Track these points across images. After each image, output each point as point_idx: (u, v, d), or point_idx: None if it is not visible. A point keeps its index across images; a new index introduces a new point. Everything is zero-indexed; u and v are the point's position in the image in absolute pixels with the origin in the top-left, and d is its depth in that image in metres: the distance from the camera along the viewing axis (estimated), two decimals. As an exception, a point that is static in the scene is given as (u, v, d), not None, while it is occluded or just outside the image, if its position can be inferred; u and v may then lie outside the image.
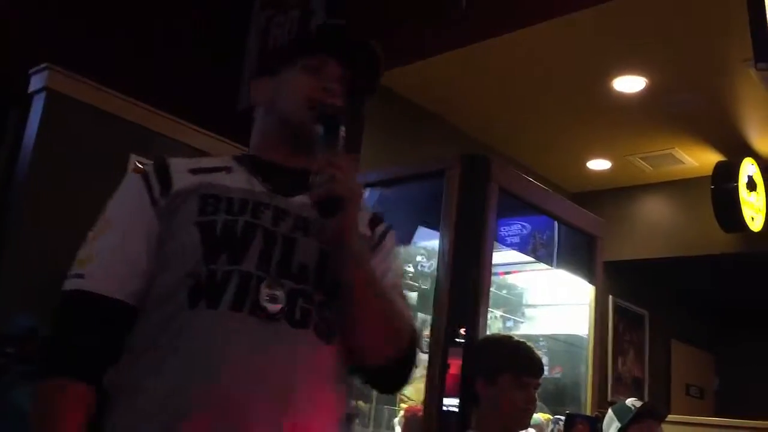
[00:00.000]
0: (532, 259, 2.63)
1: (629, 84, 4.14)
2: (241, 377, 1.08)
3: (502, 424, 2.00)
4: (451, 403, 2.13)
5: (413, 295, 3.06)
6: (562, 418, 2.50)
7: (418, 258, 2.97)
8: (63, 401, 1.12)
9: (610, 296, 5.56)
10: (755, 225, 4.76)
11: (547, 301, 3.05)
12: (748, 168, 4.76)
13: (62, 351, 1.16)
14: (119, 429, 1.12)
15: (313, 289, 1.18)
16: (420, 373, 2.94)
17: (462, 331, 2.18)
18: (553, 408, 2.65)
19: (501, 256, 2.55)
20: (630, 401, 2.59)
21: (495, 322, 2.89)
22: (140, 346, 1.15)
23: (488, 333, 2.28)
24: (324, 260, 1.20)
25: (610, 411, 2.61)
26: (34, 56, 3.60)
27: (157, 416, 1.08)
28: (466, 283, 2.23)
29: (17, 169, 3.52)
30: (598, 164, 5.34)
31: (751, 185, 4.78)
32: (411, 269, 3.02)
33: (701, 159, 4.99)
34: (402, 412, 2.40)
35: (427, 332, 2.88)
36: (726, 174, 4.70)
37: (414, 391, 2.97)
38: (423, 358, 2.93)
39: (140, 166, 1.30)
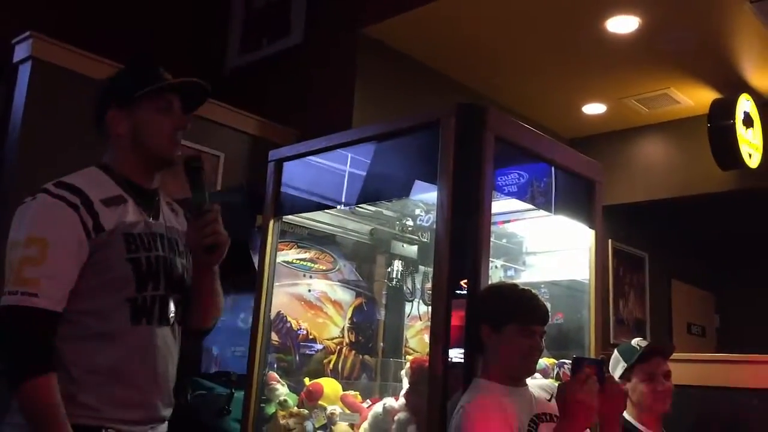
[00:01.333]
0: (531, 207, 2.62)
1: (622, 24, 4.08)
2: (162, 361, 1.74)
3: (509, 370, 2.01)
4: (456, 353, 2.14)
5: (413, 249, 3.06)
6: (567, 362, 2.52)
7: (417, 212, 2.96)
8: (51, 390, 1.53)
9: (609, 240, 5.58)
10: (752, 162, 4.76)
11: (547, 248, 3.05)
12: (744, 104, 4.72)
13: (36, 355, 1.55)
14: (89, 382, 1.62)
15: (182, 295, 1.80)
16: (423, 325, 2.97)
17: (464, 283, 2.17)
18: (556, 352, 2.67)
19: (499, 205, 2.54)
20: (635, 341, 2.61)
21: (496, 272, 2.90)
22: (76, 352, 1.61)
23: (490, 283, 2.28)
24: (184, 271, 1.81)
25: (615, 352, 2.63)
26: (16, 25, 3.53)
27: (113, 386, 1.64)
28: (465, 234, 2.21)
29: (7, 140, 3.49)
30: (594, 108, 5.30)
31: (748, 122, 4.75)
32: (410, 223, 3.01)
33: (697, 98, 4.96)
34: (408, 364, 2.42)
35: (428, 285, 2.89)
36: (722, 111, 4.67)
37: (418, 343, 3.00)
38: (424, 309, 2.96)
39: (62, 194, 1.65)
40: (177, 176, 1.81)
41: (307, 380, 2.69)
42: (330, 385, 2.64)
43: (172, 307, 1.74)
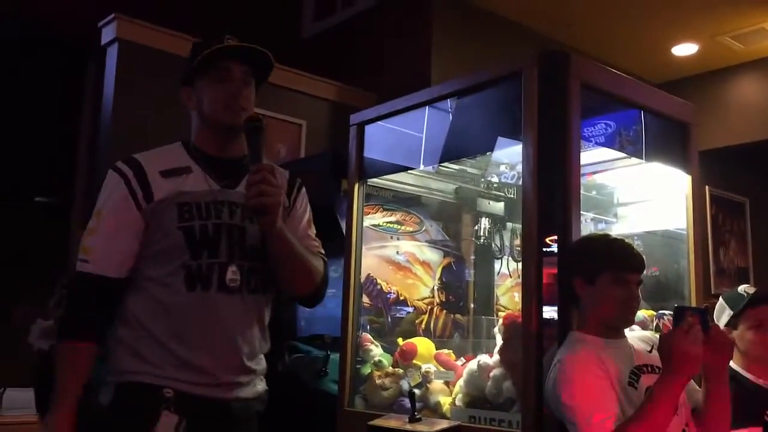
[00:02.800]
0: (621, 155, 2.52)
1: (713, -44, 3.85)
2: (226, 328, 1.73)
3: (605, 322, 1.96)
4: (548, 311, 2.11)
5: (500, 206, 3.01)
6: (667, 313, 2.44)
7: (502, 168, 2.91)
8: (77, 357, 1.67)
9: (707, 187, 5.35)
10: None
11: (640, 198, 2.95)
12: None
13: (77, 321, 1.70)
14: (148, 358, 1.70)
15: (258, 263, 1.78)
16: (513, 282, 2.93)
17: (551, 240, 2.12)
18: (655, 304, 2.60)
19: (587, 156, 2.46)
20: (742, 288, 2.50)
21: (586, 226, 2.82)
22: (146, 315, 1.71)
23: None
24: (263, 239, 1.76)
25: (721, 299, 2.52)
26: (104, 7, 3.65)
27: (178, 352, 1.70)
28: (554, 188, 2.15)
29: (101, 121, 3.63)
30: (684, 49, 5.05)
31: None
32: (495, 179, 2.97)
33: (797, 30, 4.65)
34: (501, 321, 2.41)
35: (517, 242, 2.84)
36: (826, 42, 4.36)
37: (509, 300, 2.98)
38: (514, 266, 2.92)
39: (119, 167, 1.78)
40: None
41: (400, 340, 2.71)
42: (423, 345, 2.65)
43: (231, 274, 1.72)
